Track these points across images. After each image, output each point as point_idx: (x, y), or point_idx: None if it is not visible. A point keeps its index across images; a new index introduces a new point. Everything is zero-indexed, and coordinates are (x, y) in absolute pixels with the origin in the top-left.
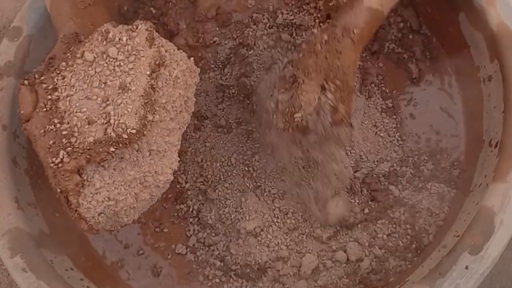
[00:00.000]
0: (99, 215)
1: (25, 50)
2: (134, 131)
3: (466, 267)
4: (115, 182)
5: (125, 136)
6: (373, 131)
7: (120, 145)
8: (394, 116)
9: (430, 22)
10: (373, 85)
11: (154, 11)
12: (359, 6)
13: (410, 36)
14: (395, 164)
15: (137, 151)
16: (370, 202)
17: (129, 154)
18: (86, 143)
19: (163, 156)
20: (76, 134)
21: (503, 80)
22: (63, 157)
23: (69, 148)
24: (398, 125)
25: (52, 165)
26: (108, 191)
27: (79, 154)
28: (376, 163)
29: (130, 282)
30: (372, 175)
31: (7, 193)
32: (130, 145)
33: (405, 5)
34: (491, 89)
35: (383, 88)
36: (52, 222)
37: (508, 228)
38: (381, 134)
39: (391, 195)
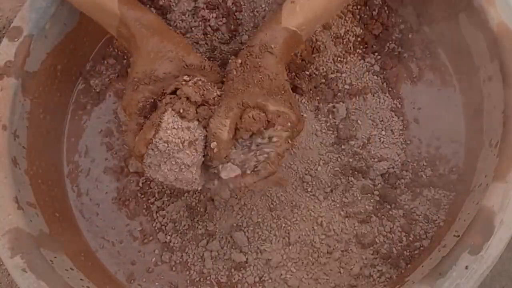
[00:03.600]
0: (165, 142)
1: (25, 50)
2: None
3: (466, 267)
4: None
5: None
6: (380, 127)
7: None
8: (402, 118)
9: (430, 22)
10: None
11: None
12: (276, 26)
13: (410, 36)
14: (395, 167)
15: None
16: (366, 205)
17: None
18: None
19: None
20: None
21: (503, 80)
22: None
23: None
24: (404, 128)
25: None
26: (189, 137)
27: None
28: (376, 159)
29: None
30: (370, 171)
31: (7, 193)
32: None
33: (405, 5)
34: (491, 89)
35: (390, 88)
36: (52, 222)
37: (508, 228)
38: (386, 132)
39: (389, 198)
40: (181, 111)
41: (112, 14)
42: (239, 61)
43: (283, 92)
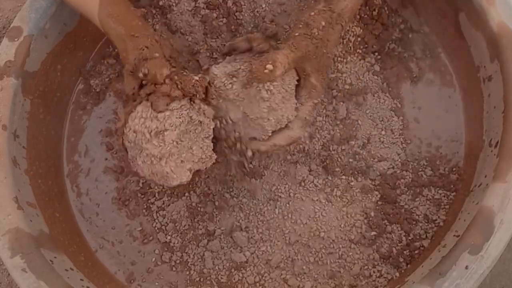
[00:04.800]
0: (134, 132)
1: (25, 50)
2: None
3: (466, 267)
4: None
5: None
6: (380, 127)
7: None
8: (402, 117)
9: (430, 22)
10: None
11: (154, 11)
12: None
13: (410, 36)
14: (395, 167)
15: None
16: (366, 205)
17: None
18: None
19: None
20: None
21: (503, 80)
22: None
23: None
24: (404, 128)
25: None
26: (157, 126)
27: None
28: (376, 159)
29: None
30: (370, 171)
31: (7, 193)
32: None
33: (405, 5)
34: (491, 89)
35: (391, 88)
36: (52, 222)
37: (508, 228)
38: (386, 131)
39: (389, 198)
40: (152, 103)
41: (96, 23)
42: (323, 23)
43: (325, 72)
